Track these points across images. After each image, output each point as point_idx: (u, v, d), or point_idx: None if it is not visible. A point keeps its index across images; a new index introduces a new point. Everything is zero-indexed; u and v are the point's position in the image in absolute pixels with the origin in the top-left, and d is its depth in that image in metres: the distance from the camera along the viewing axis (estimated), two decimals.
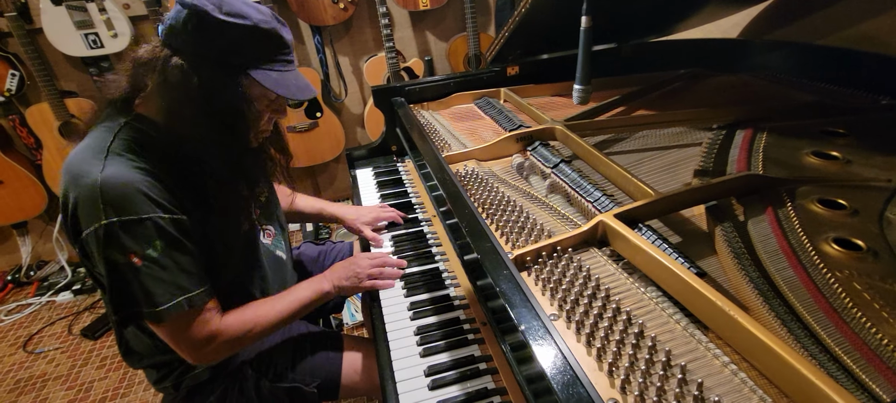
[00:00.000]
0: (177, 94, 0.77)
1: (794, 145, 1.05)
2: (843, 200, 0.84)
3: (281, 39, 0.82)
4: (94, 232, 0.73)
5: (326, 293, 0.97)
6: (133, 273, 0.75)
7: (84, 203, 0.74)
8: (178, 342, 0.81)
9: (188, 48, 0.77)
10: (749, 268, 0.71)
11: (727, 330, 0.59)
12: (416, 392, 0.77)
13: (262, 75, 0.80)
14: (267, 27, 0.79)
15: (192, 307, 0.79)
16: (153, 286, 0.76)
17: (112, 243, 0.73)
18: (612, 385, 0.55)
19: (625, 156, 1.12)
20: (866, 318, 0.60)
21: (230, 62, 0.78)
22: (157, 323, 0.78)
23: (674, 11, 1.60)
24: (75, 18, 2.12)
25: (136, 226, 0.74)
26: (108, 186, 0.73)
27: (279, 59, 0.83)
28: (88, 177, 0.74)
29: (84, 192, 0.73)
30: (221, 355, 0.87)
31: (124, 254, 0.74)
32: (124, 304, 0.77)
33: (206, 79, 0.77)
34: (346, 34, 2.69)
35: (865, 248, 0.73)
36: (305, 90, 0.86)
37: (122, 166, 0.76)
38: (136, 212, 0.74)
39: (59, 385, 1.98)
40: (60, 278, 2.60)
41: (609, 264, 0.76)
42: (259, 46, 0.80)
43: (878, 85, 1.21)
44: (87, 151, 0.78)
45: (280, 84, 0.82)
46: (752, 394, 0.52)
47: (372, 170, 1.57)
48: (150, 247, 0.75)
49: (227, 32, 0.76)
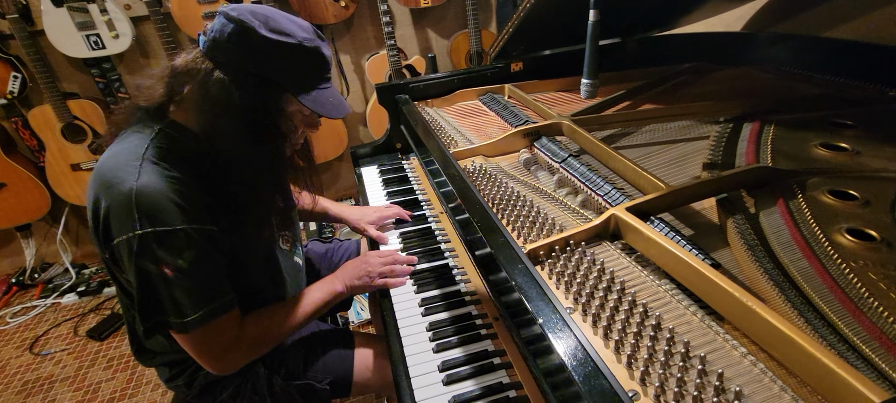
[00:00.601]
0: (217, 108, 0.77)
1: (802, 137, 1.05)
2: (854, 191, 0.84)
3: (322, 58, 0.83)
4: (126, 241, 0.73)
5: (339, 293, 0.98)
6: (164, 283, 0.75)
7: (117, 211, 0.73)
8: (201, 352, 0.82)
9: (231, 63, 0.77)
10: (763, 260, 0.71)
11: (744, 320, 0.59)
12: (430, 388, 0.77)
13: (302, 95, 0.81)
14: (310, 46, 0.80)
15: (216, 317, 0.79)
16: (182, 297, 0.76)
17: (145, 253, 0.73)
18: (632, 377, 0.55)
19: (632, 150, 1.12)
20: (883, 308, 0.60)
21: (273, 81, 0.79)
22: (184, 332, 0.78)
23: (678, 5, 1.60)
24: (76, 20, 2.12)
25: (169, 237, 0.74)
26: (144, 196, 0.73)
27: (319, 78, 0.84)
28: (123, 185, 0.73)
29: (118, 200, 0.73)
30: (240, 364, 0.88)
31: (157, 264, 0.74)
32: (152, 314, 0.77)
33: (247, 96, 0.76)
34: (347, 32, 2.68)
35: (879, 239, 0.73)
36: (341, 108, 0.87)
37: (156, 175, 0.75)
38: (171, 223, 0.74)
39: (67, 386, 1.98)
40: (65, 280, 2.60)
41: (622, 257, 0.76)
42: (301, 66, 0.81)
43: (885, 76, 1.21)
44: (121, 157, 0.77)
45: (318, 103, 0.83)
46: (772, 384, 0.52)
47: (377, 169, 1.57)
48: (181, 259, 0.75)
49: (272, 50, 0.76)
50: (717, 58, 1.59)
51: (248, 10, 0.78)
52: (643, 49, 1.72)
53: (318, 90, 0.83)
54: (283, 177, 0.90)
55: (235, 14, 0.76)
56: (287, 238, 1.02)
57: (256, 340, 0.87)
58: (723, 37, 1.65)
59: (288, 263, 1.01)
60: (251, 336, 0.86)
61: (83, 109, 2.29)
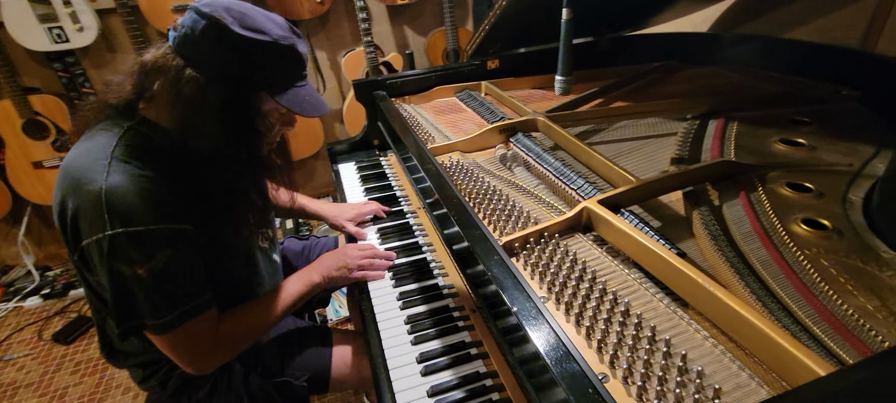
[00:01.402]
0: (190, 107, 0.74)
1: (763, 133, 1.10)
2: (809, 184, 0.89)
3: (298, 56, 0.81)
4: (97, 243, 0.71)
5: (316, 284, 0.97)
6: (138, 285, 0.73)
7: (86, 211, 0.71)
8: (179, 353, 0.80)
9: (204, 60, 0.75)
10: (725, 249, 0.75)
11: (707, 305, 0.62)
12: (408, 379, 0.78)
13: (278, 93, 0.80)
14: (286, 44, 0.78)
15: (193, 317, 0.78)
16: (157, 298, 0.74)
17: (117, 255, 0.71)
18: (602, 361, 0.57)
19: (604, 146, 1.15)
20: (833, 291, 0.64)
21: (247, 79, 0.77)
22: (161, 333, 0.76)
23: (648, 6, 1.64)
24: (38, 12, 2.04)
25: (142, 238, 0.72)
26: (114, 196, 0.71)
27: (295, 75, 0.82)
28: (92, 185, 0.71)
29: (87, 200, 0.71)
30: (219, 361, 0.87)
31: (130, 266, 0.72)
32: (128, 316, 0.75)
33: (221, 95, 0.75)
34: (322, 29, 2.66)
35: (831, 228, 0.78)
36: (318, 107, 0.85)
37: (126, 174, 0.73)
38: (143, 224, 0.72)
39: (31, 392, 1.91)
40: (28, 282, 2.50)
41: (594, 248, 0.79)
42: (277, 64, 0.79)
43: (839, 76, 1.28)
44: (89, 156, 0.74)
45: (295, 102, 0.81)
46: (731, 364, 0.55)
47: (354, 165, 1.57)
48: (154, 259, 0.73)
49: (246, 48, 0.74)
50: (686, 57, 1.64)
51: (222, 5, 0.74)
52: (616, 48, 1.77)
53: (295, 89, 0.82)
54: (260, 175, 0.88)
55: (208, 10, 0.73)
56: (266, 236, 1.01)
57: (235, 337, 0.86)
58: (691, 37, 1.70)
59: (266, 261, 1.00)
60: (230, 333, 0.85)
61: (45, 105, 2.21)
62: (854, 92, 1.24)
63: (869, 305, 0.62)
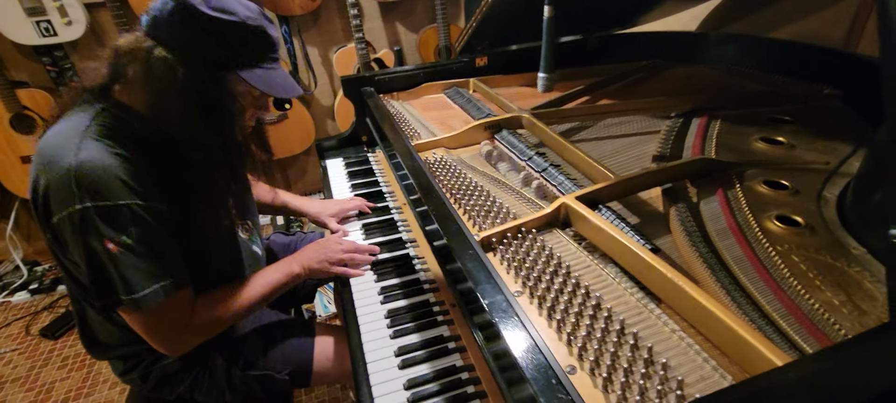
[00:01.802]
0: (161, 87, 0.75)
1: (744, 132, 1.11)
2: (785, 181, 0.90)
3: (268, 37, 0.82)
4: (68, 217, 0.72)
5: (296, 275, 0.97)
6: (110, 260, 0.73)
7: (57, 187, 0.72)
8: (152, 332, 0.81)
9: (173, 42, 0.75)
10: (699, 244, 0.75)
11: (676, 300, 0.63)
12: (386, 372, 0.79)
13: (248, 73, 0.80)
14: (254, 24, 0.79)
15: (167, 295, 0.78)
16: (129, 273, 0.74)
17: (88, 229, 0.72)
18: (571, 353, 0.58)
19: (589, 143, 1.16)
20: (801, 286, 0.65)
21: (216, 59, 0.77)
22: (135, 310, 0.76)
23: (636, 5, 1.65)
24: (25, 5, 2.02)
25: (112, 213, 0.72)
26: (84, 171, 0.71)
27: (265, 57, 0.83)
28: (62, 162, 0.71)
29: (57, 176, 0.71)
30: (192, 344, 0.87)
31: (100, 241, 0.72)
32: (104, 292, 0.75)
33: (191, 74, 0.75)
34: (314, 24, 2.65)
35: (804, 224, 0.79)
36: (291, 89, 0.86)
37: (98, 151, 0.74)
38: (113, 198, 0.72)
39: (18, 386, 1.90)
40: (16, 277, 2.49)
41: (571, 244, 0.79)
42: (246, 44, 0.79)
43: (821, 75, 1.29)
44: (61, 136, 0.75)
45: (266, 83, 0.82)
46: (697, 356, 0.56)
47: (342, 161, 1.57)
48: (125, 235, 0.73)
49: (214, 28, 0.75)
50: (672, 56, 1.65)
51: None
52: (603, 46, 1.77)
53: (265, 70, 0.82)
54: (233, 159, 0.88)
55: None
56: (247, 226, 1.01)
57: (210, 320, 0.86)
58: (678, 36, 1.71)
59: (246, 250, 1.00)
60: (205, 315, 0.85)
61: (33, 99, 2.19)
62: (836, 91, 1.25)
63: (835, 299, 0.63)
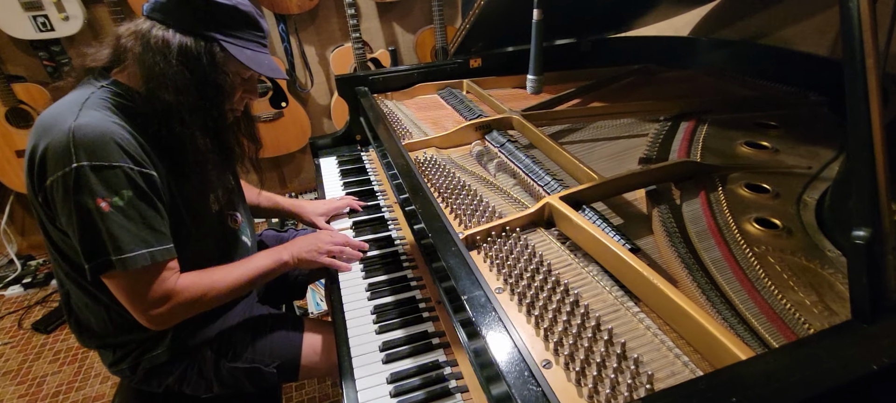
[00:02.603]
0: (155, 59, 0.80)
1: (730, 136, 1.13)
2: (767, 185, 0.92)
3: (257, 23, 0.89)
4: (62, 177, 0.74)
5: (285, 262, 0.99)
6: (101, 218, 0.75)
7: (55, 149, 0.74)
8: (134, 299, 0.82)
9: (169, 19, 0.82)
10: (678, 245, 0.77)
11: (652, 297, 0.64)
12: (370, 366, 0.80)
13: (237, 50, 0.85)
14: (245, 10, 0.87)
15: (153, 262, 0.80)
16: (120, 233, 0.76)
17: (82, 187, 0.74)
18: (547, 348, 0.60)
19: (577, 145, 1.18)
20: (775, 287, 0.67)
21: (209, 34, 0.83)
22: (122, 271, 0.77)
23: (629, 10, 1.67)
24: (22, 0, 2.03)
25: (106, 172, 0.75)
26: (82, 132, 0.74)
27: (255, 39, 0.89)
28: (62, 126, 0.75)
29: (56, 139, 0.74)
30: (175, 318, 0.87)
31: (93, 198, 0.74)
32: (94, 252, 0.77)
33: (184, 48, 0.81)
34: (311, 23, 2.66)
35: (781, 227, 0.80)
36: (276, 70, 0.93)
37: (97, 117, 0.77)
38: (108, 159, 0.75)
39: (10, 380, 1.91)
40: (9, 271, 2.49)
41: (554, 243, 0.81)
42: (237, 24, 0.86)
43: (807, 82, 1.31)
44: (61, 106, 0.79)
45: (253, 60, 0.87)
46: (668, 352, 0.58)
47: (336, 159, 1.58)
48: (118, 196, 0.76)
49: (209, 8, 0.82)
50: (664, 60, 1.67)
51: None
52: (597, 50, 1.79)
53: (254, 51, 0.88)
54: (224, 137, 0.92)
55: None
56: (236, 217, 1.03)
57: (193, 295, 0.86)
58: (670, 41, 1.73)
59: (232, 237, 1.02)
60: (188, 290, 0.86)
61: (30, 93, 2.20)
62: (821, 98, 1.27)
63: (807, 300, 0.65)
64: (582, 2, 1.49)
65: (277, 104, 2.58)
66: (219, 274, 0.91)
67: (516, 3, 1.39)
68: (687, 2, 1.68)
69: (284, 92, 2.58)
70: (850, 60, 0.47)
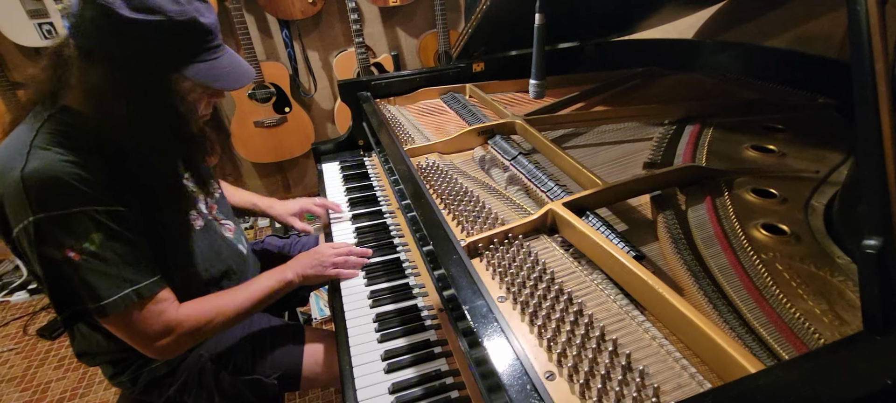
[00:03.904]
0: (100, 97, 0.73)
1: (736, 139, 1.12)
2: (774, 190, 0.90)
3: (201, 27, 0.76)
4: (24, 230, 0.70)
5: (289, 282, 0.98)
6: (72, 269, 0.72)
7: (10, 200, 0.71)
8: (133, 336, 0.79)
9: (99, 50, 0.71)
10: (684, 252, 0.76)
11: (657, 307, 0.63)
12: (372, 376, 0.79)
13: (191, 71, 0.76)
14: (182, 19, 0.73)
15: (141, 298, 0.77)
16: (96, 280, 0.73)
17: (44, 240, 0.70)
18: (550, 359, 0.58)
19: (581, 150, 1.17)
20: (783, 295, 0.65)
21: (152, 64, 0.74)
22: (104, 316, 0.75)
23: (633, 12, 1.66)
24: (28, 7, 2.05)
25: (67, 221, 0.71)
26: (32, 181, 0.69)
27: (204, 49, 0.78)
28: (13, 173, 0.70)
29: (9, 189, 0.70)
30: (182, 347, 0.86)
31: (60, 250, 0.71)
32: (67, 302, 0.75)
33: (127, 83, 0.72)
34: (315, 29, 2.67)
35: (789, 232, 0.79)
36: (241, 75, 0.82)
37: (46, 160, 0.71)
38: (66, 206, 0.70)
39: (14, 386, 1.91)
40: (15, 278, 2.50)
41: (557, 250, 0.80)
42: (179, 42, 0.75)
43: (816, 84, 1.29)
44: (10, 147, 0.73)
45: (213, 75, 0.78)
46: (675, 364, 0.56)
47: (339, 165, 1.58)
48: (87, 241, 0.72)
49: (140, 32, 0.70)
50: (669, 63, 1.66)
51: None
52: (601, 53, 1.78)
53: (208, 62, 0.78)
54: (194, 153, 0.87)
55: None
56: (228, 226, 1.02)
57: (197, 323, 0.84)
58: (674, 43, 1.72)
59: (232, 250, 1.01)
60: (191, 318, 0.84)
61: None
62: (830, 100, 1.25)
63: (817, 309, 0.63)
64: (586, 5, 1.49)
65: (281, 110, 2.59)
66: (223, 299, 0.89)
67: (519, 7, 1.39)
68: (692, 4, 1.67)
69: (288, 97, 2.59)
70: (859, 64, 0.45)
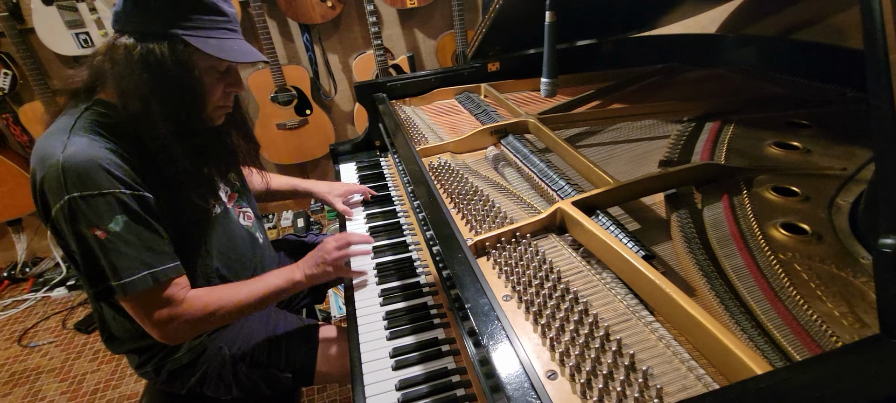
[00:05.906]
0: (124, 72, 0.80)
1: (758, 136, 1.08)
2: (796, 187, 0.87)
3: (217, 7, 0.85)
4: (60, 209, 0.76)
5: (298, 282, 0.99)
6: (99, 247, 0.77)
7: (50, 182, 0.77)
8: (143, 318, 0.83)
9: (130, 27, 0.81)
10: (697, 252, 0.74)
11: (665, 307, 0.62)
12: (380, 372, 0.80)
13: (200, 42, 0.82)
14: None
15: (157, 283, 0.81)
16: (118, 260, 0.78)
17: (77, 217, 0.76)
18: (553, 359, 0.58)
19: (596, 148, 1.15)
20: (800, 297, 0.63)
21: (167, 31, 0.81)
22: (124, 295, 0.79)
23: (652, 8, 1.62)
24: (66, 18, 2.15)
25: (98, 200, 0.77)
26: (70, 163, 0.76)
27: (218, 26, 0.85)
28: (53, 157, 0.76)
29: (49, 172, 0.76)
30: (185, 335, 0.89)
31: (89, 228, 0.77)
32: (96, 279, 0.79)
33: (145, 53, 0.79)
34: (335, 32, 2.72)
35: (810, 232, 0.76)
36: (245, 53, 0.87)
37: (83, 144, 0.78)
38: (98, 187, 0.77)
39: (53, 377, 2.01)
40: (55, 274, 2.64)
41: (566, 249, 0.79)
42: (195, 13, 0.82)
43: (845, 77, 1.23)
44: (51, 135, 0.81)
45: (219, 48, 0.84)
46: (681, 365, 0.55)
47: (355, 165, 1.60)
48: (113, 222, 0.77)
49: (163, 5, 0.80)
50: (689, 59, 1.61)
51: None
52: (619, 50, 1.75)
53: (219, 40, 0.85)
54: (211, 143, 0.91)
55: None
56: (247, 214, 1.05)
57: (200, 313, 0.87)
58: (695, 38, 1.67)
59: (248, 239, 1.04)
60: (195, 308, 0.86)
61: None
62: (860, 94, 1.19)
63: (836, 311, 0.61)
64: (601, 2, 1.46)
65: (302, 112, 2.64)
66: (229, 292, 0.92)
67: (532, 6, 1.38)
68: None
69: (309, 100, 2.64)
70: (872, 55, 0.43)
